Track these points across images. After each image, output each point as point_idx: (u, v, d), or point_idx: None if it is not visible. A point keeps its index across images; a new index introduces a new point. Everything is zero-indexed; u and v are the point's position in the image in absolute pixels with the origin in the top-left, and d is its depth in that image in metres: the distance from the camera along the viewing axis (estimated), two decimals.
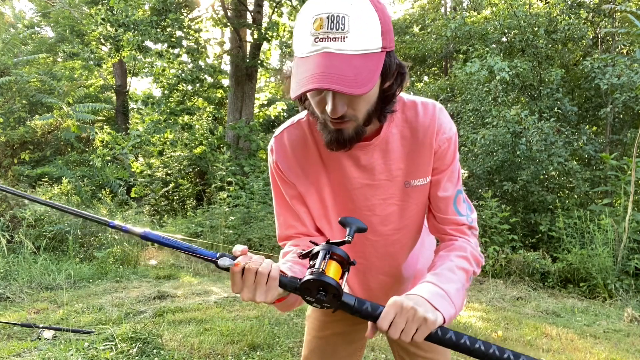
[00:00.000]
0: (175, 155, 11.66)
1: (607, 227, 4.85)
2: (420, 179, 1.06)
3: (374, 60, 0.85)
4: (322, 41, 0.82)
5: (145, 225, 7.12)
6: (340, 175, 1.07)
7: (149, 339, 2.82)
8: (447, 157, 1.06)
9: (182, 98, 10.63)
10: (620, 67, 6.54)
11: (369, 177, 1.06)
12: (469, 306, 4.19)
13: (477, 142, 7.22)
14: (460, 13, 11.64)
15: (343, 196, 1.09)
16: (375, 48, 0.85)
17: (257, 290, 0.83)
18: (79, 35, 15.08)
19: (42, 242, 5.50)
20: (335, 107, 0.86)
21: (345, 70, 0.81)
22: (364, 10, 0.83)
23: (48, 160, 9.91)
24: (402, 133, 1.04)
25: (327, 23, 0.82)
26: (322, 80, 0.80)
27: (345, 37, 0.82)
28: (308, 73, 0.82)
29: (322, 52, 0.82)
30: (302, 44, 0.86)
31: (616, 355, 2.98)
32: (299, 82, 0.84)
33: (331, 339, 1.26)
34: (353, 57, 0.82)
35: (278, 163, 1.10)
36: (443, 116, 1.05)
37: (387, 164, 1.05)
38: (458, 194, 1.09)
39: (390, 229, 1.12)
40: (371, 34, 0.84)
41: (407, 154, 1.05)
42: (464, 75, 8.19)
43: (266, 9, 10.84)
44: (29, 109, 10.74)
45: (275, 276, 0.83)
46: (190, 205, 10.25)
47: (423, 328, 0.83)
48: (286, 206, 1.14)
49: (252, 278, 0.83)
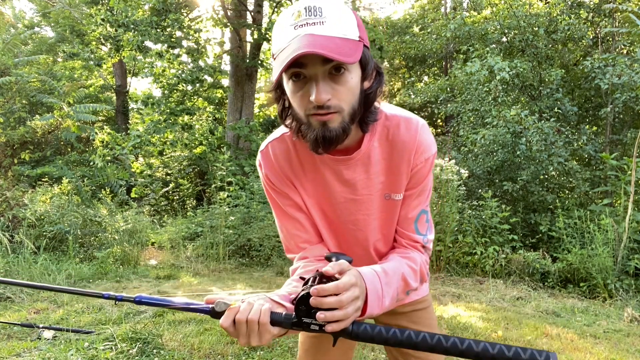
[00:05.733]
0: (175, 155, 11.66)
1: (607, 227, 4.85)
2: (398, 193, 1.08)
3: (355, 44, 0.86)
4: (302, 27, 0.85)
5: (146, 225, 7.13)
6: (324, 189, 1.08)
7: (149, 339, 2.82)
8: (421, 176, 1.06)
9: (182, 98, 10.63)
10: (621, 67, 6.54)
11: (352, 192, 1.07)
12: (469, 306, 4.19)
13: (477, 142, 7.22)
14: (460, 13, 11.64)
15: (328, 210, 1.11)
16: (353, 35, 0.87)
17: (251, 337, 0.83)
18: (79, 35, 15.08)
19: (42, 242, 5.50)
20: (319, 92, 0.85)
21: (328, 44, 0.82)
22: (338, 4, 0.87)
23: (48, 160, 9.91)
24: (383, 147, 1.05)
25: (305, 12, 0.85)
26: (305, 48, 0.80)
27: (323, 22, 0.85)
28: (290, 51, 0.82)
29: (303, 35, 0.84)
30: (282, 37, 0.88)
31: (616, 355, 2.98)
32: (282, 61, 0.83)
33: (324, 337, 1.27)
34: (334, 38, 0.84)
35: (268, 176, 1.10)
36: (425, 135, 1.04)
37: (369, 178, 1.06)
38: (422, 213, 1.11)
39: (372, 241, 1.14)
40: (348, 23, 0.87)
41: (387, 168, 1.05)
42: (464, 75, 8.19)
43: (266, 9, 10.84)
44: (29, 109, 10.73)
45: (264, 321, 0.82)
46: (190, 205, 10.25)
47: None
48: (286, 217, 1.13)
49: (244, 327, 0.83)
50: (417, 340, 0.83)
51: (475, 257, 5.49)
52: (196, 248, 6.64)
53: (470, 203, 6.31)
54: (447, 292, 4.70)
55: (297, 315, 0.84)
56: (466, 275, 5.44)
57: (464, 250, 5.65)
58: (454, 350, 0.81)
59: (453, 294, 4.63)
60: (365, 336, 0.85)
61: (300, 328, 0.85)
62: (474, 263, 5.51)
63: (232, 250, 6.54)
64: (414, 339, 0.83)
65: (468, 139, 7.76)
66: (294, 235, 1.14)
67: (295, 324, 0.84)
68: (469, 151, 7.83)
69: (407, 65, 16.40)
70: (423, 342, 0.82)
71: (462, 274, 5.48)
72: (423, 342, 0.82)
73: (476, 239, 5.63)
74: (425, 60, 15.25)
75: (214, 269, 5.91)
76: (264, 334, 0.83)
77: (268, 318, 0.83)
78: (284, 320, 0.85)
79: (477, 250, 5.49)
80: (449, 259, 5.69)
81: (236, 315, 0.83)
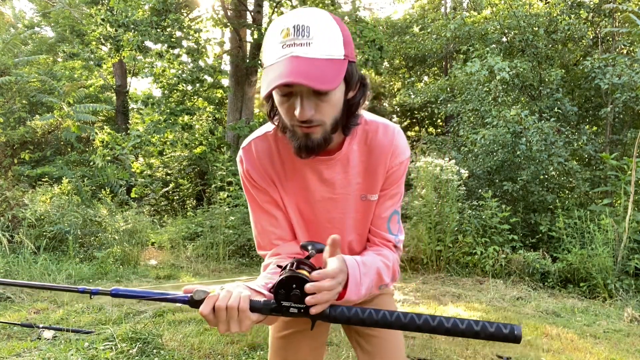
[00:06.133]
0: (176, 155, 11.66)
1: (607, 227, 4.85)
2: (374, 194, 1.14)
3: (337, 64, 0.91)
4: (289, 47, 0.89)
5: (146, 225, 7.13)
6: (303, 188, 1.13)
7: (149, 339, 2.82)
8: (395, 178, 1.13)
9: (182, 98, 10.63)
10: (621, 67, 6.54)
11: (330, 190, 1.12)
12: (469, 306, 4.19)
13: (477, 142, 7.22)
14: (460, 13, 11.64)
15: (305, 209, 1.15)
16: (338, 55, 0.91)
17: (231, 324, 0.85)
18: (79, 35, 15.07)
19: (42, 242, 5.50)
20: (303, 109, 0.91)
21: (311, 70, 0.87)
22: (326, 22, 0.91)
23: (48, 160, 9.90)
24: (362, 150, 1.11)
25: (293, 31, 0.89)
26: (289, 76, 0.85)
27: (310, 43, 0.89)
28: (276, 73, 0.88)
29: (289, 57, 0.89)
30: (271, 53, 0.92)
31: (616, 355, 2.98)
32: (269, 82, 0.88)
33: (293, 336, 1.28)
34: (318, 60, 0.88)
35: (249, 172, 1.14)
36: (400, 140, 1.12)
37: (347, 178, 1.11)
38: (394, 214, 1.17)
39: (347, 240, 1.19)
40: (334, 42, 0.91)
41: (365, 170, 1.12)
42: (464, 75, 8.20)
43: (266, 9, 10.84)
44: (29, 109, 10.73)
45: (244, 308, 0.85)
46: (190, 205, 10.25)
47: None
48: (263, 212, 1.17)
49: (223, 314, 0.84)
50: (392, 320, 0.87)
51: (475, 257, 5.49)
52: (196, 248, 6.64)
53: (470, 203, 6.30)
54: (447, 292, 4.70)
55: (275, 299, 0.87)
56: (466, 275, 5.44)
57: (464, 250, 5.65)
58: (426, 327, 0.86)
59: (453, 294, 4.63)
60: (342, 318, 0.89)
61: (279, 313, 0.88)
62: (474, 263, 5.51)
63: (232, 250, 6.54)
64: (389, 319, 0.87)
65: (468, 139, 7.76)
66: (268, 232, 1.17)
67: (274, 309, 0.87)
68: (469, 151, 7.83)
69: (407, 65, 16.40)
70: (397, 320, 0.87)
71: (462, 274, 5.48)
72: (397, 321, 0.87)
73: (476, 239, 5.63)
74: (425, 60, 15.24)
75: (214, 269, 5.91)
76: (244, 320, 0.85)
77: (247, 304, 0.85)
78: (264, 307, 0.87)
79: (477, 250, 5.49)
80: (449, 259, 5.69)
81: (216, 302, 0.85)
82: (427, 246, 5.70)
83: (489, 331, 0.84)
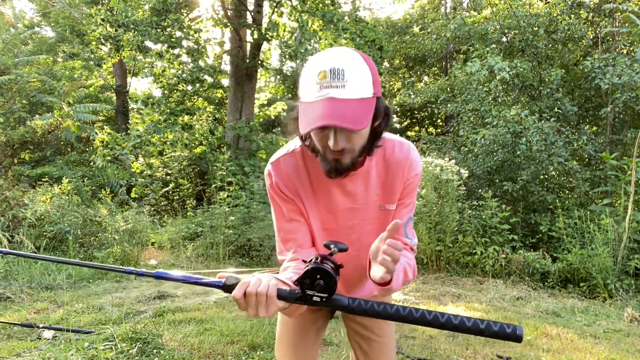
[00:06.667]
0: (175, 155, 11.66)
1: (607, 227, 4.85)
2: (392, 204, 1.28)
3: (368, 104, 1.03)
4: (326, 88, 1.01)
5: (146, 225, 7.13)
6: (328, 199, 1.26)
7: (149, 339, 2.82)
8: (411, 189, 1.27)
9: (182, 98, 10.64)
10: (621, 67, 6.54)
11: (352, 201, 1.26)
12: (469, 306, 4.19)
13: (477, 142, 7.22)
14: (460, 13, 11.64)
15: (328, 217, 1.29)
16: (368, 94, 1.03)
17: (259, 308, 0.96)
18: (79, 35, 15.07)
19: (43, 242, 5.51)
20: (336, 142, 1.04)
21: (346, 112, 0.99)
22: (358, 64, 1.03)
23: (48, 160, 9.89)
24: (380, 164, 1.25)
25: (329, 74, 1.00)
26: (328, 119, 0.98)
27: (344, 86, 1.00)
28: (316, 113, 1.00)
29: (326, 98, 1.00)
30: (309, 91, 1.04)
31: (616, 355, 2.98)
32: (309, 121, 1.00)
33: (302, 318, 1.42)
34: (351, 101, 1.00)
35: (278, 184, 1.27)
36: (415, 155, 1.26)
37: (368, 190, 1.25)
38: (409, 221, 1.31)
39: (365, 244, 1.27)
40: (365, 83, 1.03)
41: (383, 182, 1.26)
42: (464, 75, 8.20)
43: (266, 9, 10.84)
44: (29, 109, 10.73)
45: (272, 294, 0.96)
46: (190, 205, 10.25)
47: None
48: (287, 221, 1.30)
49: (253, 299, 0.96)
50: (404, 314, 0.95)
51: (475, 257, 5.49)
52: (196, 248, 6.64)
53: (470, 203, 6.30)
54: (447, 292, 4.70)
55: (301, 287, 0.96)
56: (466, 275, 5.45)
57: (464, 250, 5.65)
58: (435, 322, 0.93)
59: (453, 294, 4.63)
60: (360, 310, 0.98)
61: (303, 302, 0.98)
62: (474, 263, 5.51)
63: (232, 250, 6.54)
64: (402, 313, 0.95)
65: (468, 139, 7.76)
66: (290, 239, 1.30)
67: (299, 298, 0.97)
68: (469, 151, 7.83)
69: (407, 65, 16.40)
70: (409, 315, 0.95)
71: (462, 274, 5.48)
72: (409, 315, 0.95)
73: (476, 239, 5.63)
74: (425, 60, 15.25)
75: (214, 269, 5.91)
76: (271, 305, 0.97)
77: (275, 292, 0.97)
78: (289, 295, 0.98)
79: (477, 250, 5.49)
80: (449, 259, 5.69)
81: (247, 288, 0.96)
82: (427, 246, 5.70)
83: (493, 329, 0.90)
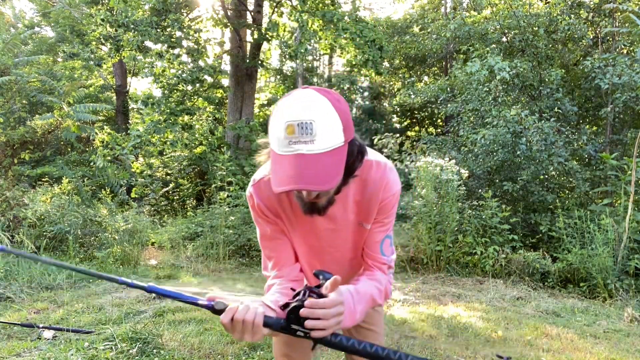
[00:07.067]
0: (175, 155, 11.66)
1: (607, 227, 4.84)
2: (368, 223, 1.30)
3: (339, 153, 1.03)
4: (295, 144, 0.99)
5: (146, 225, 7.13)
6: (309, 223, 1.28)
7: (149, 339, 2.82)
8: (387, 208, 1.28)
9: (182, 98, 10.63)
10: (621, 67, 6.54)
11: (332, 222, 1.28)
12: (469, 306, 4.19)
13: (477, 142, 7.22)
14: (460, 13, 11.64)
15: (310, 238, 1.33)
16: (338, 143, 1.03)
17: (245, 334, 1.00)
18: (79, 35, 15.07)
19: (43, 242, 5.51)
20: (310, 195, 1.08)
21: (317, 169, 0.99)
22: (327, 112, 1.01)
23: (48, 160, 9.89)
24: (357, 185, 1.25)
25: (297, 129, 0.98)
26: (298, 181, 0.98)
27: (313, 141, 0.99)
28: (286, 173, 1.00)
29: (295, 154, 1.00)
30: (279, 143, 1.02)
31: (616, 355, 2.98)
32: (280, 180, 1.01)
33: None
34: (322, 156, 1.00)
35: (259, 206, 1.29)
36: (391, 175, 1.26)
37: (346, 211, 1.27)
38: (386, 238, 1.33)
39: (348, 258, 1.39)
40: (335, 133, 1.02)
41: (359, 202, 1.27)
42: (464, 75, 8.19)
43: (266, 9, 10.84)
44: (29, 109, 10.72)
45: (258, 323, 0.99)
46: (190, 205, 10.25)
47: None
48: (270, 239, 1.33)
49: (239, 326, 0.99)
50: (383, 355, 1.03)
51: (475, 257, 5.49)
52: (196, 248, 6.64)
53: (470, 203, 6.30)
54: (447, 292, 4.70)
55: (287, 322, 1.01)
56: (466, 275, 5.44)
57: (464, 250, 5.65)
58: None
59: (453, 294, 4.63)
60: (340, 346, 1.04)
61: (287, 332, 1.02)
62: (474, 263, 5.51)
63: (232, 250, 6.54)
64: (380, 353, 1.03)
65: (468, 139, 7.76)
66: (273, 256, 1.34)
67: (283, 328, 1.02)
68: (469, 151, 7.82)
69: (407, 65, 16.40)
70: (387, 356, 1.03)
71: (462, 274, 5.48)
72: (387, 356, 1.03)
73: (476, 239, 5.63)
74: (425, 60, 15.25)
75: (214, 269, 5.91)
76: (257, 333, 1.00)
77: (262, 320, 1.00)
78: (275, 323, 1.02)
79: (477, 250, 5.49)
80: (449, 259, 5.69)
81: (234, 314, 0.99)
82: (427, 246, 5.70)
83: None
